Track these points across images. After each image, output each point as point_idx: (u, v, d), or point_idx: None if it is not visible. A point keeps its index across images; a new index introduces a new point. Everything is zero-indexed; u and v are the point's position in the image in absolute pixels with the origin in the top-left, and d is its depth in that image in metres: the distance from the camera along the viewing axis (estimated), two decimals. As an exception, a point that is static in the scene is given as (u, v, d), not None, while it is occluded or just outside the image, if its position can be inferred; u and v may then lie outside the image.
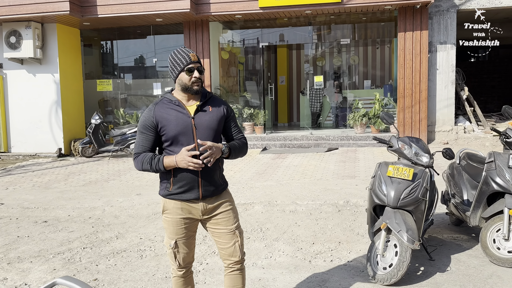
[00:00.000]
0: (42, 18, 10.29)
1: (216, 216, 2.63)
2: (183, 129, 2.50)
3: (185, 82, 2.53)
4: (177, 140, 2.51)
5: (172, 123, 2.50)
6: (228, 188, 2.76)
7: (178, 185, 2.54)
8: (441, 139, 10.86)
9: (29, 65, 10.96)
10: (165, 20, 11.19)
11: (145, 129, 2.55)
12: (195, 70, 2.52)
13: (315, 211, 5.62)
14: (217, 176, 2.61)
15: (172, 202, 2.58)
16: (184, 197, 2.54)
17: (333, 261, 4.06)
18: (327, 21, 12.33)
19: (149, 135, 2.55)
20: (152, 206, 6.06)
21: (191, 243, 2.67)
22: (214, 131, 2.57)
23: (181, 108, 2.54)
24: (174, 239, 2.60)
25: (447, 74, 10.82)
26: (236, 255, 2.66)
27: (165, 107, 2.55)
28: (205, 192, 2.56)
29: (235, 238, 2.65)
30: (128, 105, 12.78)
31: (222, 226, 2.64)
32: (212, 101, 2.64)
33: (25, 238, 4.97)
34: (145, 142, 2.56)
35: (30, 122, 11.09)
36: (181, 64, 2.52)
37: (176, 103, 2.55)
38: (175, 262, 2.65)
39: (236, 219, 2.69)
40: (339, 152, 10.06)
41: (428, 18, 10.60)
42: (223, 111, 2.63)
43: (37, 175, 8.68)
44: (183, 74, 2.52)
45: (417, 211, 3.64)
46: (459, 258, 4.02)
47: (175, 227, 2.59)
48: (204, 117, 2.56)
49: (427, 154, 3.78)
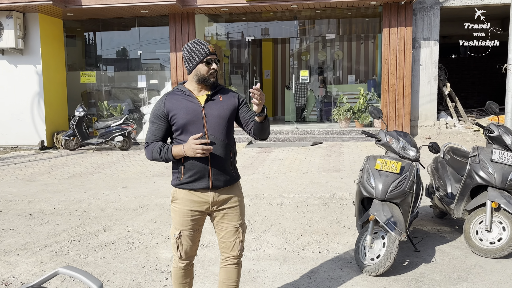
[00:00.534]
0: (24, 7, 10.06)
1: (224, 210, 2.64)
2: (193, 117, 2.52)
3: (203, 73, 2.55)
4: (187, 129, 2.52)
5: (182, 111, 2.53)
6: (239, 182, 2.75)
7: (189, 174, 2.54)
8: (424, 134, 11.06)
9: (10, 55, 10.72)
10: (151, 12, 11.07)
11: (156, 118, 2.57)
12: (213, 62, 2.55)
13: (302, 204, 5.69)
14: (228, 166, 2.60)
15: (182, 191, 2.58)
16: (195, 186, 2.54)
17: (321, 253, 4.12)
18: (312, 15, 12.39)
19: (160, 124, 2.57)
20: (139, 199, 6.04)
21: (196, 237, 2.66)
22: (225, 120, 2.58)
23: (191, 98, 2.57)
24: (179, 230, 2.60)
25: (430, 70, 11.01)
26: (235, 250, 2.69)
27: (176, 97, 2.58)
28: (216, 181, 2.55)
29: (237, 235, 2.67)
30: (112, 97, 12.64)
31: (227, 221, 2.65)
32: (222, 91, 2.67)
33: (10, 231, 4.91)
34: (156, 132, 2.57)
35: (11, 113, 10.87)
36: (200, 55, 2.54)
37: (187, 93, 2.59)
38: (177, 253, 2.65)
39: (242, 216, 2.70)
40: (324, 146, 10.16)
41: (412, 14, 10.75)
42: (234, 100, 2.65)
43: (19, 168, 8.53)
44: (201, 66, 2.54)
45: (404, 204, 3.73)
46: (443, 249, 4.13)
47: (181, 218, 2.59)
48: (214, 106, 2.58)
49: (414, 148, 3.87)
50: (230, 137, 2.63)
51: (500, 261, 3.84)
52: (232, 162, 2.66)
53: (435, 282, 3.50)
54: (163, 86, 12.15)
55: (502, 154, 4.03)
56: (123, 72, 13.05)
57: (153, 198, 6.06)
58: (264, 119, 2.55)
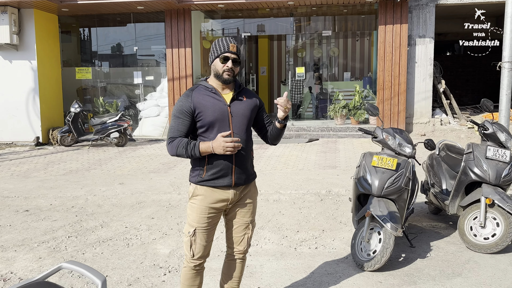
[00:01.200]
0: (19, 3, 10.00)
1: (239, 206, 2.68)
2: (220, 116, 2.54)
3: (217, 69, 2.56)
4: (213, 126, 2.54)
5: (209, 109, 2.54)
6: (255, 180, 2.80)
7: (212, 172, 2.56)
8: (419, 131, 11.13)
9: (4, 51, 10.66)
10: (147, 8, 11.04)
11: (182, 114, 2.56)
12: (229, 60, 2.53)
13: (298, 200, 5.73)
14: (249, 165, 2.67)
15: (203, 188, 2.59)
16: (217, 184, 2.56)
17: (318, 248, 4.17)
18: (308, 12, 12.40)
19: (185, 120, 2.56)
20: (136, 196, 6.05)
21: (210, 236, 2.65)
22: (248, 119, 2.64)
23: (217, 96, 2.58)
24: (195, 227, 2.60)
25: (425, 67, 11.07)
26: (242, 245, 2.72)
27: (202, 93, 2.58)
28: (238, 179, 2.59)
29: (247, 231, 2.71)
30: (107, 93, 12.60)
31: (239, 218, 2.69)
32: (245, 92, 2.71)
33: (7, 227, 4.91)
34: (181, 127, 2.57)
35: (6, 110, 10.82)
36: (218, 50, 2.55)
37: (213, 91, 2.59)
38: (189, 251, 2.63)
39: (254, 213, 2.74)
40: (320, 143, 10.21)
41: (408, 12, 10.79)
42: (256, 101, 2.71)
43: (15, 164, 8.51)
44: (217, 61, 2.56)
45: (400, 200, 3.77)
46: (438, 245, 4.19)
47: (199, 215, 2.59)
48: (239, 106, 2.61)
49: (410, 145, 3.91)
50: (251, 137, 2.68)
51: (494, 257, 3.90)
52: (252, 161, 2.73)
53: (430, 277, 3.55)
54: (159, 82, 12.13)
55: (496, 151, 4.09)
56: (119, 68, 13.01)
57: (150, 195, 6.07)
58: (284, 127, 2.66)
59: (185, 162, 8.23)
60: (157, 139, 11.31)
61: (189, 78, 11.37)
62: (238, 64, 2.57)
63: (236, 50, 2.56)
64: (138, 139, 11.19)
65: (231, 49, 2.53)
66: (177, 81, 11.39)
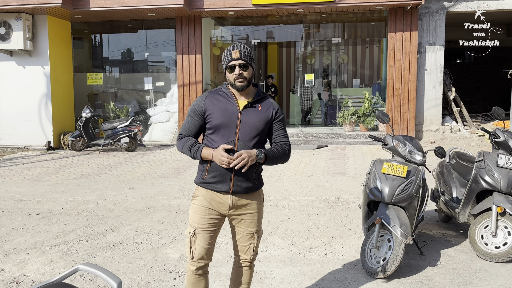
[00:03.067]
0: (32, 9, 10.18)
1: (242, 215, 2.64)
2: (228, 120, 2.53)
3: (230, 79, 2.57)
4: (219, 130, 2.53)
5: (219, 112, 2.54)
6: (262, 189, 2.73)
7: (212, 175, 2.56)
8: (428, 138, 11.08)
9: (18, 57, 10.84)
10: (158, 15, 11.17)
11: (194, 113, 2.61)
12: (236, 67, 2.52)
13: (307, 207, 5.73)
14: (251, 174, 2.58)
15: (203, 190, 2.61)
16: (216, 188, 2.56)
17: (327, 255, 4.16)
18: (318, 19, 12.46)
19: (196, 120, 2.60)
20: (145, 200, 6.09)
21: (211, 238, 2.62)
22: (258, 130, 2.56)
23: (232, 100, 2.58)
24: (195, 227, 2.60)
25: (435, 75, 11.04)
26: (248, 254, 2.70)
27: (218, 97, 2.60)
28: (236, 187, 2.55)
29: (252, 241, 2.67)
30: (118, 99, 12.74)
31: (244, 227, 2.66)
32: (264, 101, 2.64)
33: (19, 230, 4.97)
34: (191, 126, 2.61)
35: (19, 114, 10.98)
36: (225, 62, 2.57)
37: (229, 95, 2.59)
38: (189, 252, 2.62)
39: (259, 223, 2.69)
40: (329, 150, 10.21)
41: (418, 19, 10.79)
42: (271, 112, 2.62)
43: (27, 168, 8.62)
44: (227, 72, 2.57)
45: (410, 207, 3.77)
46: (448, 253, 4.16)
47: (199, 215, 2.60)
48: (251, 114, 2.56)
49: (421, 152, 3.91)
50: (259, 147, 2.57)
51: (505, 265, 3.87)
52: (257, 171, 2.63)
53: (440, 285, 3.53)
54: (169, 88, 12.24)
55: (507, 159, 4.07)
56: (129, 74, 13.15)
57: (159, 199, 6.12)
58: (265, 161, 2.54)
59: (194, 168, 8.28)
60: (166, 144, 11.39)
61: (199, 84, 11.46)
62: (246, 67, 2.54)
63: (240, 54, 2.52)
64: (148, 144, 11.28)
65: (234, 56, 2.52)
66: (187, 87, 11.48)
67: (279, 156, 2.60)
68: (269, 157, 2.54)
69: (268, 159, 2.54)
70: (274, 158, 2.57)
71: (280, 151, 2.61)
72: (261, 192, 2.72)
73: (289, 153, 2.66)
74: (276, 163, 2.61)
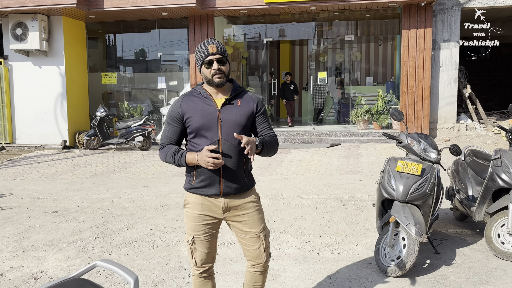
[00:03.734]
0: (48, 10, 10.33)
1: (240, 217, 2.53)
2: (208, 121, 2.43)
3: (206, 75, 2.46)
4: (201, 132, 2.45)
5: (197, 114, 2.44)
6: (254, 188, 2.63)
7: (200, 179, 2.47)
8: (443, 136, 10.96)
9: (34, 57, 11.01)
10: (171, 14, 11.23)
11: (172, 120, 2.52)
12: (214, 62, 2.42)
13: (321, 205, 5.72)
14: (240, 173, 2.50)
15: (193, 196, 2.52)
16: (205, 192, 2.47)
17: (341, 254, 4.16)
18: (330, 17, 12.40)
19: (175, 126, 2.51)
20: (160, 198, 6.15)
21: (211, 243, 2.56)
22: (241, 126, 2.47)
23: (208, 101, 2.47)
24: (192, 235, 2.52)
25: (450, 72, 10.91)
26: (261, 257, 2.57)
27: (193, 98, 2.50)
28: (226, 188, 2.47)
29: (260, 242, 2.55)
30: (132, 98, 12.86)
31: (247, 229, 2.54)
32: (243, 95, 2.55)
33: (37, 227, 5.06)
34: (171, 134, 2.52)
35: (35, 113, 11.15)
36: (201, 57, 2.45)
37: (205, 95, 2.49)
38: (192, 259, 2.57)
39: (261, 221, 2.57)
40: (342, 148, 10.16)
41: (432, 15, 10.67)
42: (251, 106, 2.53)
43: (43, 167, 8.76)
44: (203, 67, 2.46)
45: (425, 206, 3.74)
46: (464, 252, 4.12)
47: (193, 223, 2.51)
48: (231, 111, 2.46)
49: (435, 150, 3.87)
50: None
51: (522, 265, 3.82)
52: (246, 169, 2.54)
53: (456, 284, 3.50)
54: (182, 87, 12.31)
55: (524, 157, 4.01)
56: (143, 73, 13.26)
57: (173, 197, 6.16)
58: (261, 151, 2.47)
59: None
60: (180, 143, 11.46)
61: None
62: (224, 62, 2.45)
63: (216, 49, 2.43)
64: (161, 143, 11.35)
65: (211, 51, 2.42)
66: (200, 86, 11.52)
67: (272, 146, 2.53)
68: (265, 146, 2.46)
69: (264, 148, 2.46)
70: (269, 148, 2.50)
71: (272, 142, 2.54)
72: (254, 190, 2.61)
73: (277, 144, 2.60)
74: (269, 153, 2.53)
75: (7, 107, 11.13)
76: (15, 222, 5.25)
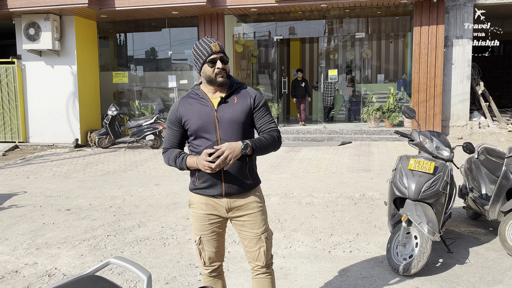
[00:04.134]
0: (60, 10, 10.42)
1: (243, 217, 2.48)
2: (205, 122, 2.39)
3: (209, 74, 2.39)
4: (200, 134, 2.42)
5: (194, 116, 2.41)
6: (259, 187, 2.57)
7: (203, 180, 2.44)
8: (455, 134, 10.85)
9: (47, 56, 11.12)
10: (181, 13, 11.26)
11: (171, 123, 2.50)
12: (217, 61, 2.37)
13: (332, 204, 5.70)
14: (243, 173, 2.44)
15: (197, 196, 2.50)
16: (208, 193, 2.45)
17: (352, 252, 4.14)
18: (341, 14, 12.32)
19: (175, 130, 2.49)
20: (171, 196, 6.18)
21: (218, 242, 2.54)
22: (239, 124, 2.40)
23: (204, 101, 2.43)
24: (199, 235, 2.51)
25: (462, 69, 10.78)
26: (260, 260, 2.51)
27: (190, 100, 2.46)
28: (229, 188, 2.42)
29: (261, 243, 2.49)
30: (143, 97, 12.93)
31: (248, 229, 2.49)
32: (240, 91, 2.48)
33: (50, 225, 5.12)
34: (172, 137, 2.51)
35: (48, 113, 11.28)
36: (203, 56, 2.38)
37: (201, 96, 2.45)
38: (200, 259, 2.55)
39: (263, 223, 2.51)
40: (353, 146, 10.11)
41: (445, 12, 10.55)
42: (249, 101, 2.45)
43: (56, 165, 8.86)
44: (205, 66, 2.39)
45: (437, 204, 3.71)
46: (477, 251, 4.08)
47: (199, 223, 2.50)
48: (227, 109, 2.41)
49: (448, 148, 3.84)
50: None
51: (537, 264, 3.76)
52: (249, 168, 2.47)
53: (469, 283, 3.47)
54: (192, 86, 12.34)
55: (539, 155, 3.95)
56: (154, 72, 13.33)
57: (184, 196, 6.19)
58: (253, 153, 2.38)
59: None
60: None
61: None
62: (227, 62, 2.42)
63: (220, 48, 2.39)
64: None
65: (214, 49, 2.37)
66: (210, 84, 11.54)
67: (268, 144, 2.41)
68: (256, 148, 2.35)
69: (256, 150, 2.36)
70: (263, 148, 2.39)
71: (268, 139, 2.41)
72: (258, 190, 2.55)
73: (279, 139, 2.47)
74: (266, 152, 2.43)
75: (20, 106, 11.27)
76: (29, 220, 5.33)
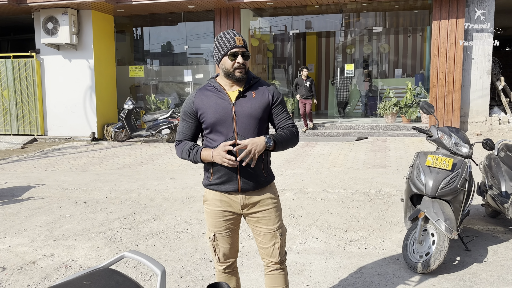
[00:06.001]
0: (78, 5, 10.52)
1: (257, 213, 2.46)
2: (222, 116, 2.35)
3: (228, 68, 2.35)
4: (216, 128, 2.37)
5: (211, 109, 2.36)
6: (274, 183, 2.55)
7: (217, 176, 2.41)
8: (474, 130, 10.65)
9: (65, 51, 11.25)
10: (197, 7, 11.26)
11: (186, 116, 2.45)
12: (239, 55, 2.33)
13: (347, 200, 5.65)
14: (259, 168, 2.41)
15: (211, 192, 2.46)
16: (223, 189, 2.41)
17: (368, 249, 4.10)
18: (358, 8, 12.17)
19: (190, 122, 2.45)
20: (186, 190, 6.21)
21: (233, 238, 2.51)
22: (256, 119, 2.37)
23: (222, 94, 2.38)
24: (213, 231, 2.48)
25: (482, 64, 10.55)
26: (274, 256, 2.49)
27: (207, 93, 2.41)
28: (245, 185, 2.39)
29: (275, 239, 2.47)
30: (159, 91, 13.01)
31: (263, 225, 2.46)
32: (257, 86, 2.44)
33: (67, 217, 5.20)
34: (186, 130, 2.46)
35: (65, 106, 11.43)
36: (224, 47, 2.33)
37: (218, 89, 2.40)
38: (215, 256, 2.53)
39: (278, 219, 2.48)
40: (369, 142, 10.01)
41: (465, 5, 10.32)
42: (267, 97, 2.41)
43: (73, 158, 8.98)
44: (226, 59, 2.34)
45: (455, 201, 3.64)
46: (496, 250, 4.00)
47: (214, 219, 2.47)
48: (245, 104, 2.36)
49: (467, 145, 3.76)
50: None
51: (559, 264, 3.67)
52: (264, 164, 2.44)
53: (487, 282, 3.40)
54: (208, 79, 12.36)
55: None
56: (170, 66, 13.39)
57: (199, 190, 6.21)
58: (275, 148, 2.36)
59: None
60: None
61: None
62: (248, 57, 2.36)
63: (243, 42, 2.34)
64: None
65: (237, 43, 2.32)
66: (226, 78, 11.54)
67: (289, 139, 2.40)
68: (278, 142, 2.34)
69: (278, 144, 2.34)
70: (284, 143, 2.38)
71: (288, 134, 2.40)
72: (273, 186, 2.53)
73: (297, 135, 2.46)
74: (286, 147, 2.42)
75: (39, 100, 11.44)
76: (47, 212, 5.41)
